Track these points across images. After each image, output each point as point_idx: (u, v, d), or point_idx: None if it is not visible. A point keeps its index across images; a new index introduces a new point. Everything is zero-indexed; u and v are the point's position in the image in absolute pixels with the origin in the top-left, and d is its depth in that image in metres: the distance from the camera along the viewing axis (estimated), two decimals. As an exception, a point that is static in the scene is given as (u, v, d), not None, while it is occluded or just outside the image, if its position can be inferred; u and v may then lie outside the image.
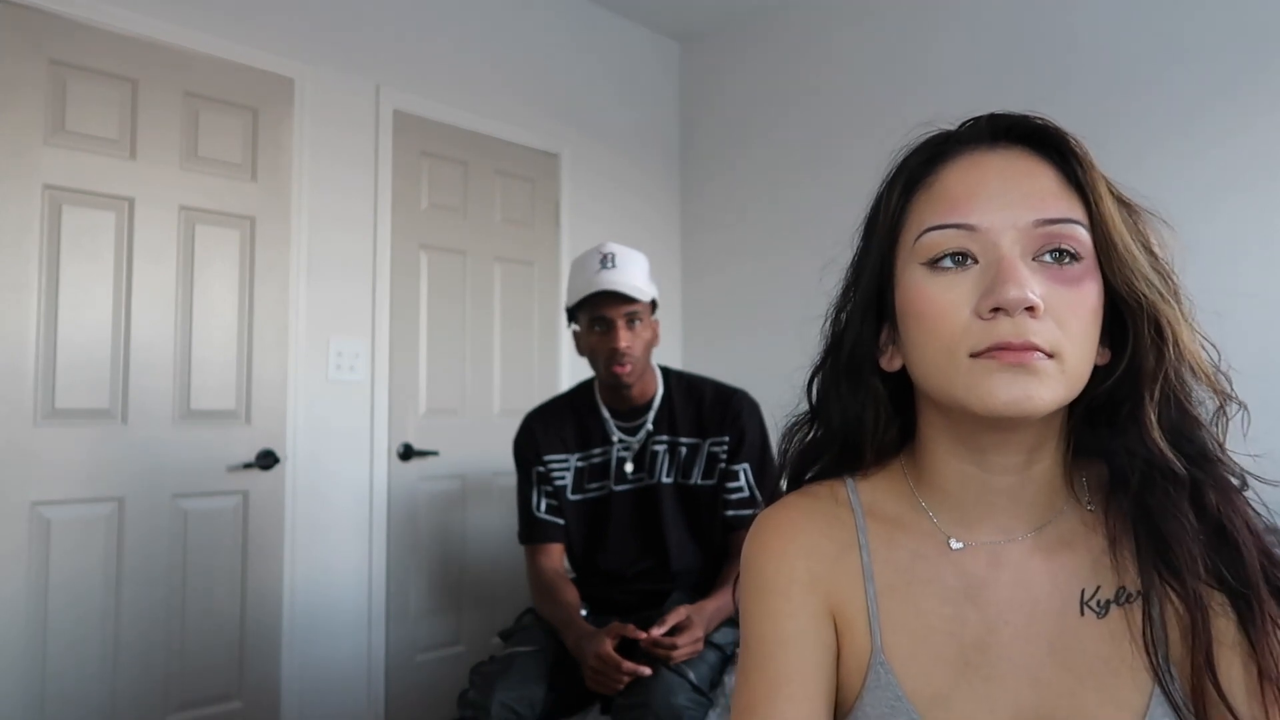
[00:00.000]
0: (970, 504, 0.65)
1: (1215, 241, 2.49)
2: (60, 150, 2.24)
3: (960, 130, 0.66)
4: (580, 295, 1.86)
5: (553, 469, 1.97)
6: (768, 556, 0.68)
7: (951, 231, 0.60)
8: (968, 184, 0.61)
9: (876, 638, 0.65)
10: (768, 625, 0.66)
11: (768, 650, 0.65)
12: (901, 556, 0.67)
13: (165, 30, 2.42)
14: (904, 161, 0.67)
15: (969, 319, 0.58)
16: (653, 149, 3.78)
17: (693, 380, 2.00)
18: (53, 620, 2.18)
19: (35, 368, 2.19)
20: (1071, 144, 0.62)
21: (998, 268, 0.57)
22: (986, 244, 0.59)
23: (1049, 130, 0.62)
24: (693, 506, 1.91)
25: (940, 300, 0.59)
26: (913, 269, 0.62)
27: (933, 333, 0.60)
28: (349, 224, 2.79)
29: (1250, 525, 0.62)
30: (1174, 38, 2.58)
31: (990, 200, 0.59)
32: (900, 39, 3.21)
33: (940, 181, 0.63)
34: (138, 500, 2.32)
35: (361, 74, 2.84)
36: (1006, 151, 0.62)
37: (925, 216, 0.62)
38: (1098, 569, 0.63)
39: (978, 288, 0.58)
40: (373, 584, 2.78)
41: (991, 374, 0.56)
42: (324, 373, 2.70)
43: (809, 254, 2.09)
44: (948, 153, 0.64)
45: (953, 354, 0.58)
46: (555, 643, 1.79)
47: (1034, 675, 0.61)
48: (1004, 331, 0.56)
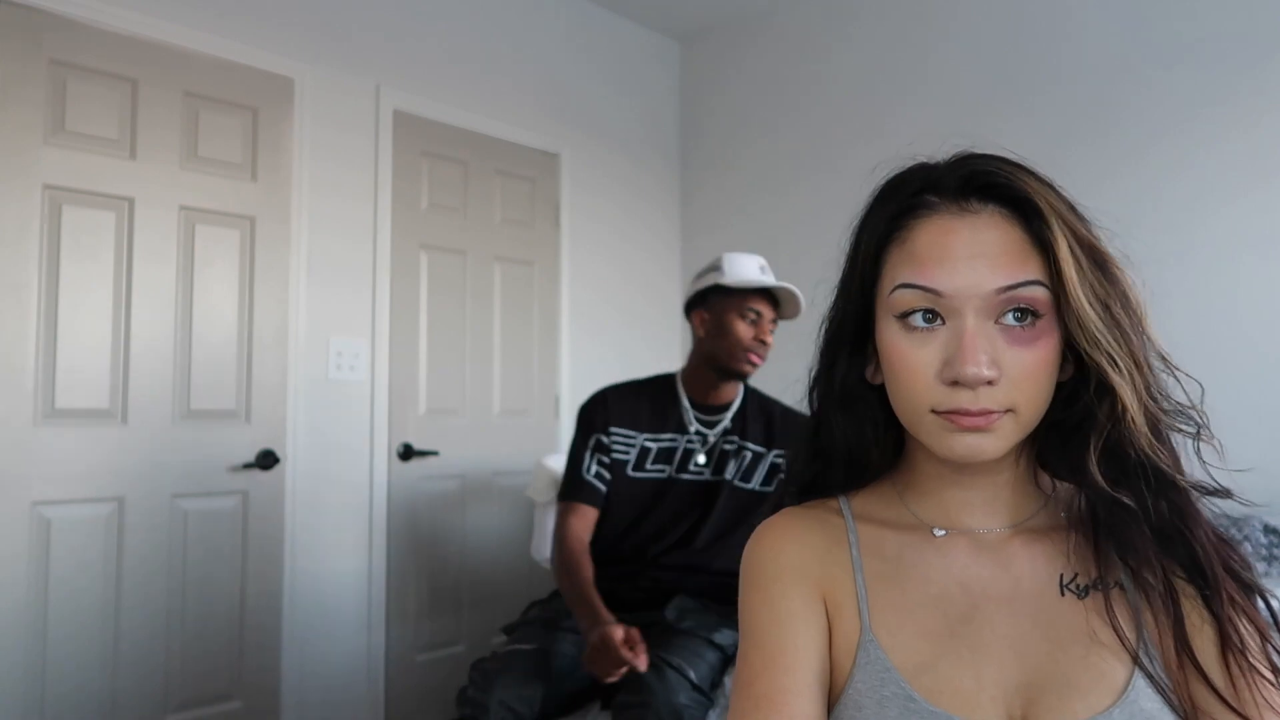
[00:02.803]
0: (951, 504, 0.71)
1: (1214, 241, 2.49)
2: (60, 150, 2.24)
3: (934, 176, 0.69)
4: (749, 283, 1.94)
5: (615, 442, 2.00)
6: (764, 553, 0.74)
7: (920, 293, 0.65)
8: (937, 247, 0.65)
9: (865, 618, 0.69)
10: (764, 609, 0.71)
11: (764, 630, 0.70)
12: (889, 547, 0.72)
13: (165, 30, 2.42)
14: (880, 209, 0.71)
15: (933, 380, 0.64)
16: (653, 149, 3.78)
17: (765, 397, 2.10)
18: (53, 620, 2.18)
19: (35, 368, 2.19)
20: (1039, 204, 0.64)
21: (960, 341, 0.63)
22: (951, 309, 0.64)
23: (1015, 189, 0.65)
24: (743, 510, 1.95)
25: (910, 358, 0.65)
26: (888, 319, 0.67)
27: (903, 385, 0.66)
28: (349, 224, 2.79)
29: (1205, 524, 0.66)
30: (1172, 39, 2.58)
31: (956, 266, 0.64)
32: (900, 39, 3.21)
33: (913, 239, 0.67)
34: (138, 500, 2.32)
35: (361, 74, 2.84)
36: (975, 216, 0.66)
37: (898, 271, 0.67)
38: (1075, 559, 0.68)
39: (942, 351, 0.64)
40: (373, 584, 2.78)
41: (950, 432, 0.64)
42: (324, 373, 2.70)
43: (809, 254, 2.10)
44: (919, 208, 0.68)
45: (918, 408, 0.65)
46: (556, 640, 1.79)
47: (1018, 645, 0.65)
48: (963, 400, 0.63)
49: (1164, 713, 0.61)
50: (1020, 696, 0.63)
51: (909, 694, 0.64)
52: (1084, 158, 2.65)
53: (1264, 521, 2.13)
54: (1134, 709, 0.61)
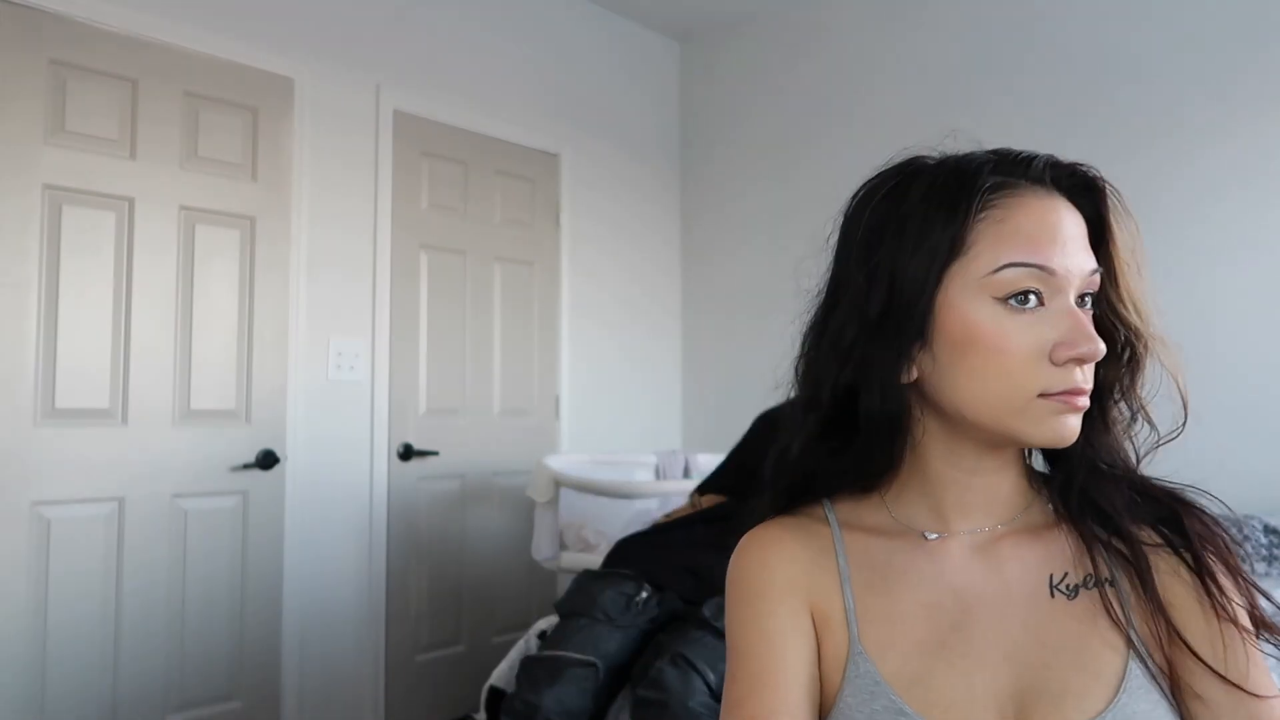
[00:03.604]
0: (948, 505, 0.70)
1: (1209, 240, 2.49)
2: (60, 150, 2.24)
3: (1009, 163, 0.67)
4: None
5: None
6: (750, 567, 0.72)
7: (1032, 271, 0.63)
8: (1045, 225, 0.64)
9: (854, 630, 0.67)
10: (751, 626, 0.69)
11: (751, 648, 0.68)
12: (877, 555, 0.70)
13: (165, 30, 2.42)
14: (955, 188, 0.65)
15: (1043, 361, 0.63)
16: (653, 149, 3.78)
17: None
18: (53, 620, 2.18)
19: (35, 368, 2.19)
20: (1110, 199, 0.68)
21: (1073, 319, 0.63)
22: (1055, 289, 0.63)
23: (1090, 177, 0.68)
24: None
25: (1017, 339, 0.63)
26: (981, 301, 0.64)
27: (1003, 369, 0.63)
28: (349, 224, 2.79)
29: (1168, 490, 0.68)
30: (1164, 36, 2.58)
31: (1063, 246, 0.63)
32: (899, 39, 3.21)
33: (1013, 217, 0.64)
34: (138, 500, 2.32)
35: (361, 74, 2.84)
36: (1061, 200, 0.66)
37: (1001, 251, 0.63)
38: (1065, 558, 0.67)
39: (1052, 331, 0.63)
40: (373, 584, 2.78)
41: (1058, 414, 0.63)
42: (324, 373, 2.70)
43: (810, 258, 2.10)
44: (1010, 187, 0.66)
45: (1024, 392, 0.63)
46: (612, 654, 1.77)
47: (1009, 653, 0.64)
48: (1077, 379, 0.63)
49: (1158, 711, 0.61)
50: (1013, 703, 0.63)
51: (900, 707, 0.63)
52: (1086, 157, 2.64)
53: (1264, 521, 2.13)
54: (1127, 712, 0.60)
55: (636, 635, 1.79)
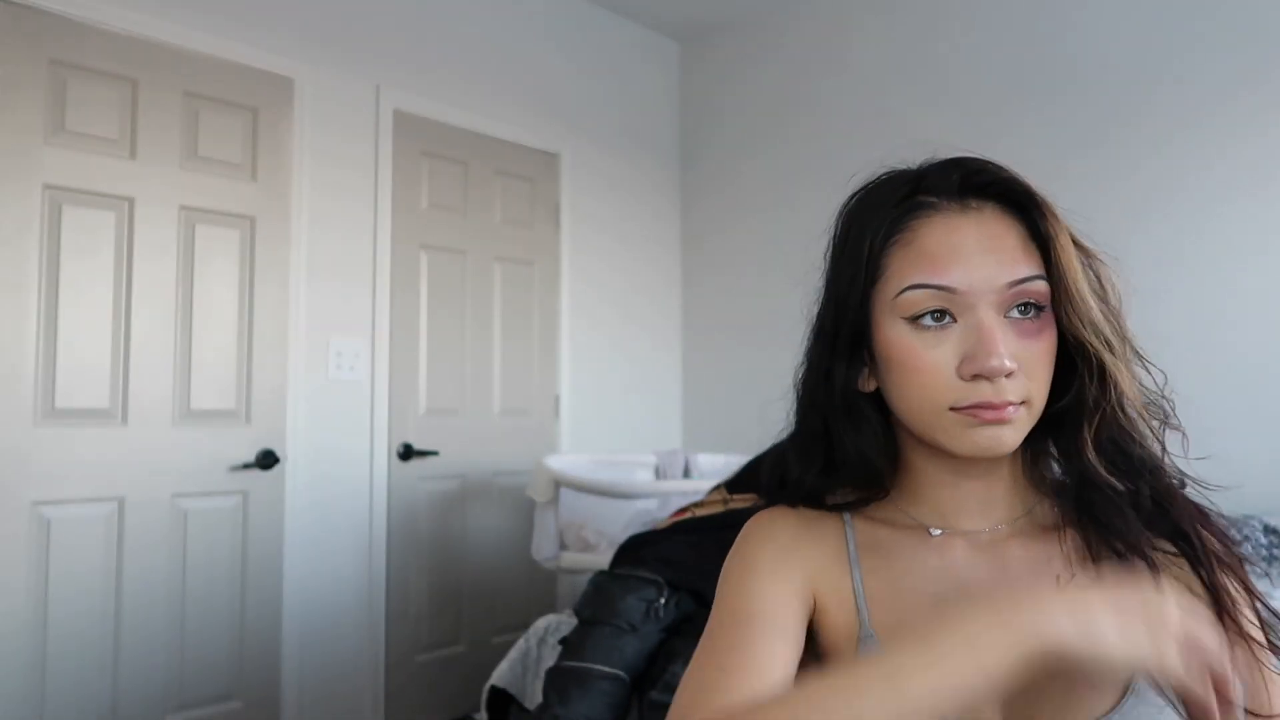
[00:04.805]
0: (947, 504, 0.71)
1: (1216, 243, 2.49)
2: (60, 150, 2.24)
3: (931, 179, 0.69)
4: None
5: None
6: (755, 538, 0.73)
7: (933, 292, 0.64)
8: (947, 245, 0.65)
9: (865, 614, 0.69)
10: (746, 577, 0.70)
11: (735, 593, 0.69)
12: (885, 546, 0.72)
13: (165, 30, 2.42)
14: (872, 213, 0.69)
15: (950, 377, 0.64)
16: (653, 149, 3.78)
17: None
18: (53, 620, 2.18)
19: (35, 368, 2.19)
20: (1038, 199, 0.66)
21: (978, 334, 0.63)
22: (964, 306, 0.64)
23: (1016, 186, 0.67)
24: None
25: (925, 357, 0.65)
26: (895, 321, 0.67)
27: (918, 386, 0.65)
28: (349, 224, 2.79)
29: (1182, 497, 0.68)
30: (1179, 43, 2.58)
31: (968, 262, 0.64)
32: (899, 39, 3.21)
33: (918, 239, 0.66)
34: (138, 500, 2.32)
35: (361, 74, 2.84)
36: (978, 212, 0.66)
37: (906, 273, 0.66)
38: (1069, 559, 0.68)
39: (959, 347, 0.64)
40: (373, 583, 2.78)
41: (971, 427, 0.64)
42: (324, 373, 2.70)
43: (809, 256, 2.09)
44: (919, 209, 0.67)
45: (936, 406, 0.65)
46: (637, 666, 1.76)
47: None
48: (985, 393, 0.63)
49: (1164, 715, 0.61)
50: (1020, 701, 0.63)
51: None
52: (1087, 161, 2.65)
53: (1264, 522, 2.13)
54: (1134, 713, 0.61)
55: (654, 642, 1.78)
